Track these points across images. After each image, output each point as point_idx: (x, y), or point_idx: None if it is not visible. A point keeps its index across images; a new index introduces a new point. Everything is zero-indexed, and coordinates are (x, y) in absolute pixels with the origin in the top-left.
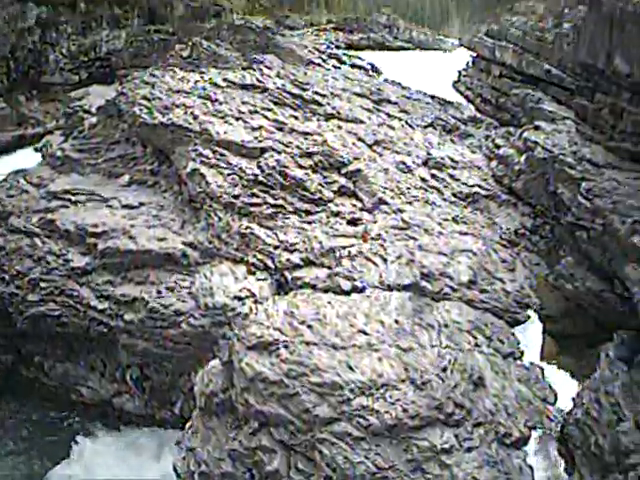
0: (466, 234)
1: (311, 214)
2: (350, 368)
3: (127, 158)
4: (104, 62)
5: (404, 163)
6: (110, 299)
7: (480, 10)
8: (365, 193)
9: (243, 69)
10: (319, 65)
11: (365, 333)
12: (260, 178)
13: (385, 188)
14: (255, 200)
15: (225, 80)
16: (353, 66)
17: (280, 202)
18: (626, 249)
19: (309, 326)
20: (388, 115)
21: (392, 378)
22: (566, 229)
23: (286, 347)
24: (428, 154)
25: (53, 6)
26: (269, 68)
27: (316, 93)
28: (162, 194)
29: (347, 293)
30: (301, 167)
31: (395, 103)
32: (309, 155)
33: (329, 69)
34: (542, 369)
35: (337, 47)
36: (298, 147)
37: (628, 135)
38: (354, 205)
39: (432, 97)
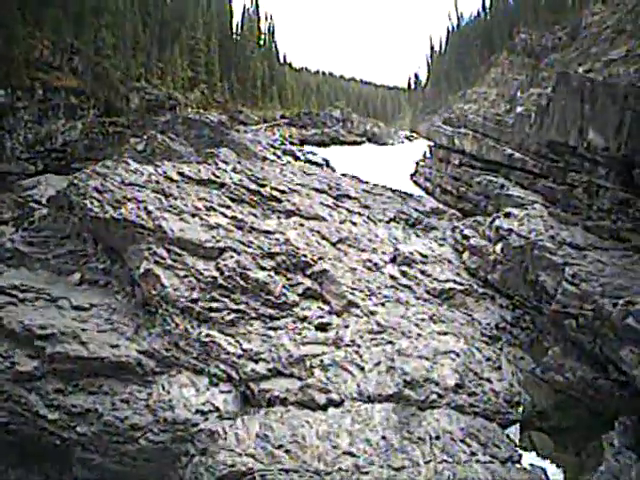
0: (446, 334)
1: (276, 319)
2: None
3: (78, 254)
4: (60, 153)
5: (371, 261)
6: (61, 409)
7: (431, 100)
8: (333, 295)
9: (198, 163)
10: (273, 161)
11: (351, 454)
12: (219, 281)
13: (354, 289)
14: (215, 305)
15: (180, 174)
16: (308, 162)
17: (242, 307)
18: (620, 332)
19: (287, 450)
20: (349, 211)
21: None
22: (550, 318)
23: (262, 477)
24: (395, 250)
25: (12, 90)
26: (225, 162)
27: (274, 189)
28: (115, 295)
29: (323, 408)
30: (263, 269)
31: (355, 198)
32: (271, 256)
33: (285, 164)
34: (544, 470)
35: (291, 143)
36: (259, 247)
37: (606, 213)
38: (321, 309)
39: (392, 190)
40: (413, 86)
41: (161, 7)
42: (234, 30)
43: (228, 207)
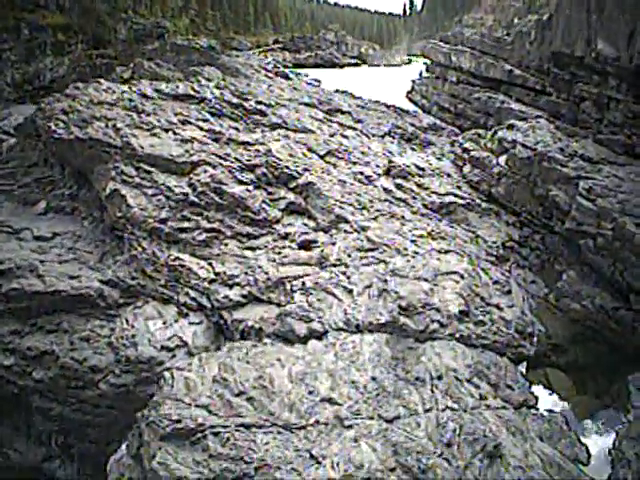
0: (447, 252)
1: (254, 238)
2: (313, 459)
3: (44, 182)
4: (49, 90)
5: (363, 174)
6: (17, 353)
7: (428, 25)
8: (319, 210)
9: (179, 80)
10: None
11: (331, 402)
12: (191, 198)
13: (343, 203)
14: (186, 224)
15: (156, 91)
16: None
17: (216, 225)
18: None
19: (249, 398)
20: (340, 124)
21: (376, 468)
22: (563, 238)
23: (216, 435)
24: (390, 162)
25: None
26: (208, 80)
27: (259, 103)
28: (81, 222)
29: (303, 340)
30: (241, 182)
31: (347, 112)
32: (250, 168)
33: (273, 80)
34: (565, 417)
35: (284, 66)
36: (237, 159)
37: (619, 127)
38: (306, 225)
39: (387, 106)
40: (408, 12)
41: None
42: None
43: (206, 121)
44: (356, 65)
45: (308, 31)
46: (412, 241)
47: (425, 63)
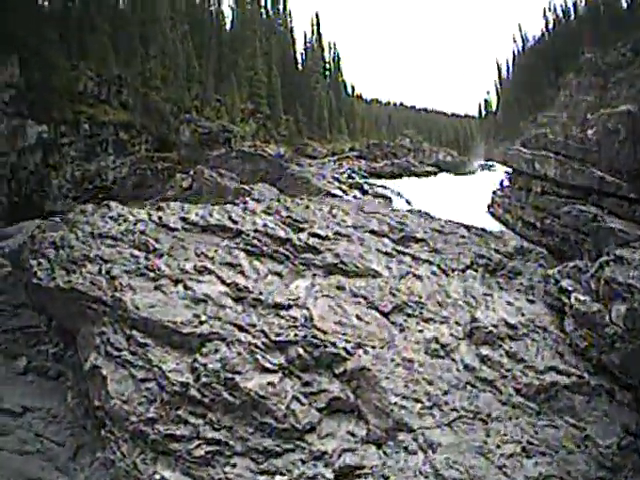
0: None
1: (274, 456)
2: None
3: (29, 332)
4: (109, 191)
5: (438, 341)
6: None
7: (503, 126)
8: (373, 411)
9: (225, 203)
10: (337, 197)
11: None
12: (192, 391)
13: (406, 398)
14: (181, 430)
15: (183, 219)
16: (376, 196)
17: (222, 435)
18: None
19: None
20: (414, 258)
21: None
22: None
23: None
24: (472, 318)
25: (55, 125)
26: (257, 201)
27: (314, 235)
28: (65, 393)
29: None
30: (264, 370)
31: (423, 240)
32: (281, 347)
33: (340, 200)
34: None
35: (362, 176)
36: (263, 332)
37: None
38: (352, 434)
39: (467, 228)
40: (484, 113)
41: (217, 37)
42: (297, 60)
43: (234, 266)
44: (434, 174)
45: (384, 137)
46: (499, 467)
47: (507, 172)
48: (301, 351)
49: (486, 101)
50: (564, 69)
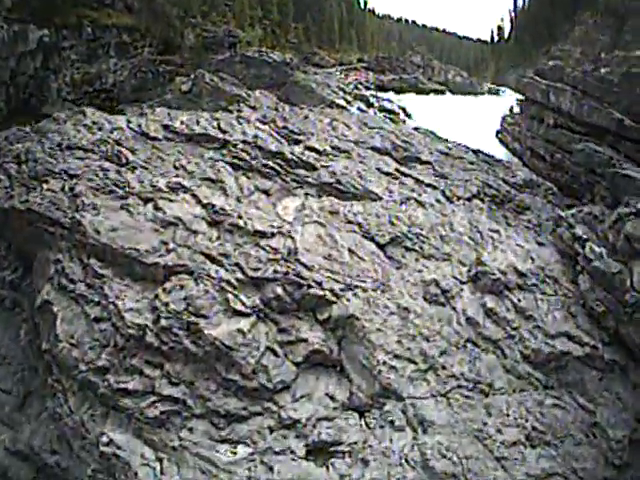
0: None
1: (239, 421)
2: None
3: None
4: (110, 94)
5: (438, 284)
6: None
7: (515, 54)
8: (358, 370)
9: (217, 110)
10: (342, 107)
11: None
12: (149, 336)
13: (398, 357)
14: (133, 384)
15: (165, 127)
16: (381, 110)
17: (180, 392)
18: None
19: None
20: (418, 181)
21: None
22: None
23: None
24: (478, 259)
25: (56, 29)
26: (254, 108)
27: (310, 149)
28: (19, 327)
29: None
30: (235, 313)
31: (428, 163)
32: (257, 284)
33: (341, 112)
34: None
35: (367, 88)
36: (238, 266)
37: None
38: (333, 398)
39: (476, 153)
40: (496, 39)
41: None
42: None
43: (215, 182)
44: (443, 92)
45: (394, 51)
46: (498, 459)
47: (518, 99)
48: (280, 291)
49: (499, 27)
50: (581, 6)
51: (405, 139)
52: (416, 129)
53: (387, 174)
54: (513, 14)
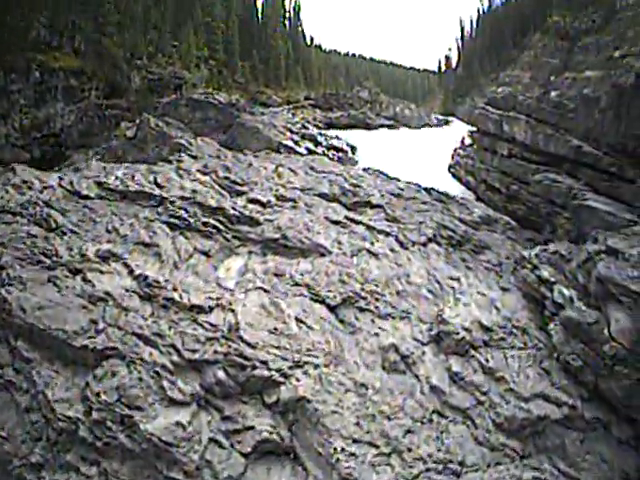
0: None
1: None
2: None
3: None
4: (58, 138)
5: (397, 349)
6: None
7: (463, 83)
8: (313, 458)
9: (152, 163)
10: (290, 148)
11: None
12: (82, 430)
13: (357, 441)
14: None
15: (99, 185)
16: (330, 148)
17: None
18: None
19: None
20: (368, 228)
21: None
22: None
23: None
24: (439, 316)
25: (5, 72)
26: (194, 158)
27: (253, 201)
28: None
29: None
30: (172, 402)
31: (379, 206)
32: (196, 367)
33: (287, 156)
34: None
35: (315, 126)
36: (174, 347)
37: None
38: None
39: (429, 192)
40: (444, 69)
41: None
42: (256, 7)
43: (150, 247)
44: (391, 127)
45: (342, 87)
46: None
47: (471, 131)
48: (221, 374)
49: (447, 57)
50: (530, 30)
51: (354, 182)
52: (365, 170)
53: (336, 223)
54: (460, 42)
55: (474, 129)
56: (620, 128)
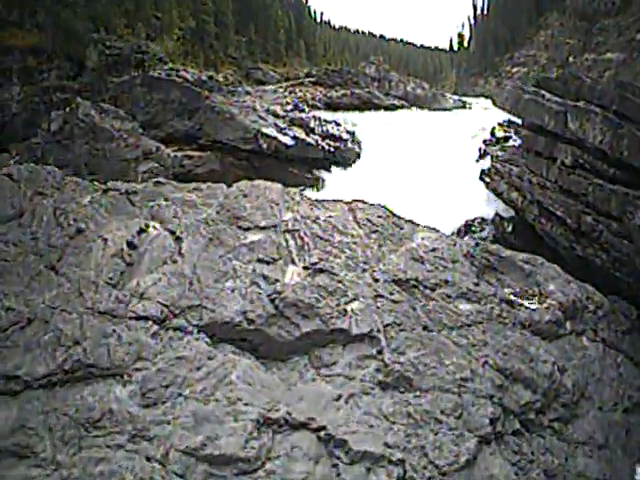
0: None
1: None
2: None
3: None
4: (12, 128)
5: None
6: None
7: (476, 62)
8: None
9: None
10: (272, 138)
11: None
12: None
13: None
14: None
15: None
16: (325, 137)
17: None
18: None
19: None
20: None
21: None
22: None
23: None
24: None
25: None
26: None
27: None
28: None
29: None
30: None
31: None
32: None
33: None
34: None
35: (313, 106)
36: None
37: None
38: None
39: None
40: (456, 47)
41: None
42: None
43: None
44: (402, 107)
45: (349, 64)
46: None
47: (506, 121)
48: None
49: (459, 35)
50: (547, 8)
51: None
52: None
53: None
54: (473, 20)
55: (515, 120)
56: None
